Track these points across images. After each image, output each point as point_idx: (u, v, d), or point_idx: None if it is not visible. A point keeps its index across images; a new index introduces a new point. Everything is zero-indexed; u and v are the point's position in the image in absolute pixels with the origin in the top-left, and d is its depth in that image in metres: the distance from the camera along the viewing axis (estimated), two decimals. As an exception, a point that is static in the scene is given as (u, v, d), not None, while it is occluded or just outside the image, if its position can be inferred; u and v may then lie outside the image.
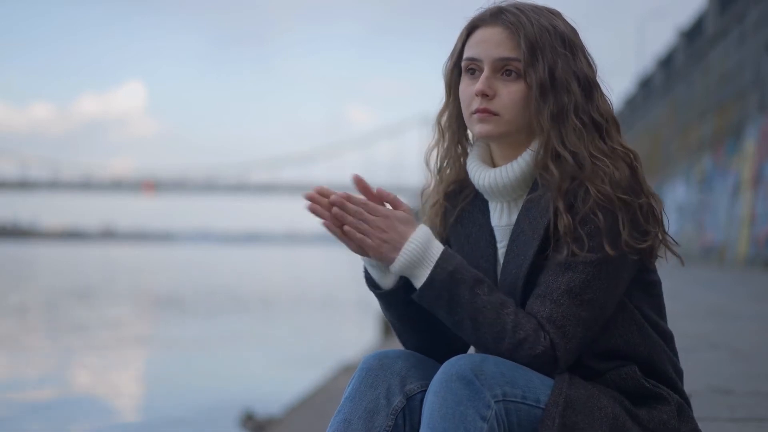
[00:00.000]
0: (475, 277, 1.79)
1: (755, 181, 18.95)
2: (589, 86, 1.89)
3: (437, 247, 1.80)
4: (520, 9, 1.89)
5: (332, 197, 1.79)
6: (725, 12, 23.11)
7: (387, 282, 1.88)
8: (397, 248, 1.78)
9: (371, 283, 1.90)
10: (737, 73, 21.06)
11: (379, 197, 1.82)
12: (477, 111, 1.88)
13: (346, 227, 1.78)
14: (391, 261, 1.79)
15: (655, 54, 33.21)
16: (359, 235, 1.78)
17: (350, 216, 1.78)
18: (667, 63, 30.77)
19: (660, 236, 1.87)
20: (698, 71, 25.28)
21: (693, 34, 27.11)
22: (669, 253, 1.94)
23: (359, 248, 1.81)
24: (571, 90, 1.86)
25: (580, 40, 1.92)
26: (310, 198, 1.79)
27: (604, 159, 1.83)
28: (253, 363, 12.67)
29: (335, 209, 1.78)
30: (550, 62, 1.85)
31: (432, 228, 2.01)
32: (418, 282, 1.79)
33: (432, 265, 1.78)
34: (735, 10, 21.81)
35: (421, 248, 1.79)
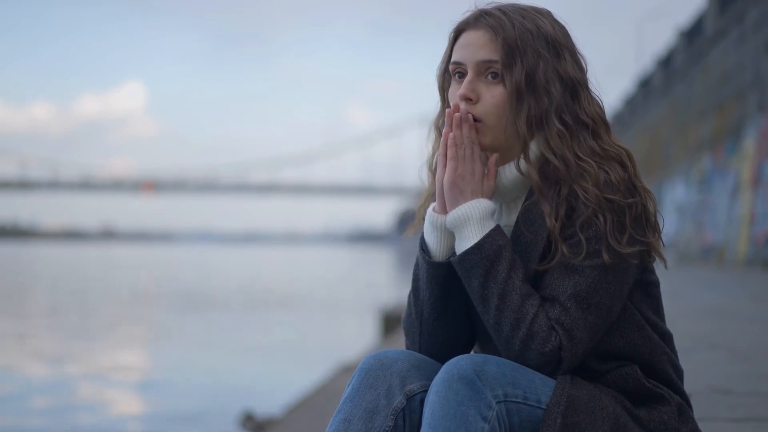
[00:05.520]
0: (516, 261, 1.83)
1: (755, 181, 18.95)
2: (575, 87, 1.88)
3: (492, 222, 1.86)
4: (504, 11, 1.89)
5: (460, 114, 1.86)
6: (725, 12, 23.11)
7: (439, 253, 1.91)
8: (466, 197, 1.85)
9: (425, 249, 1.93)
10: (737, 73, 21.06)
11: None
12: None
13: (452, 133, 1.86)
14: (454, 204, 1.85)
15: (654, 54, 33.22)
16: (455, 151, 1.85)
17: (460, 133, 1.86)
18: (666, 63, 30.76)
19: (654, 237, 1.87)
20: (698, 71, 25.28)
21: (693, 34, 27.10)
22: (669, 257, 1.95)
23: (447, 162, 1.87)
24: (551, 92, 1.85)
25: (569, 40, 1.91)
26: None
27: (590, 160, 1.84)
28: (253, 363, 12.68)
29: (457, 115, 1.86)
30: (530, 64, 1.85)
31: None
32: (467, 243, 1.84)
33: (485, 231, 1.83)
34: (735, 10, 21.81)
35: (483, 212, 1.84)
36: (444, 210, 1.89)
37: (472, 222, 1.84)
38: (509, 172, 1.90)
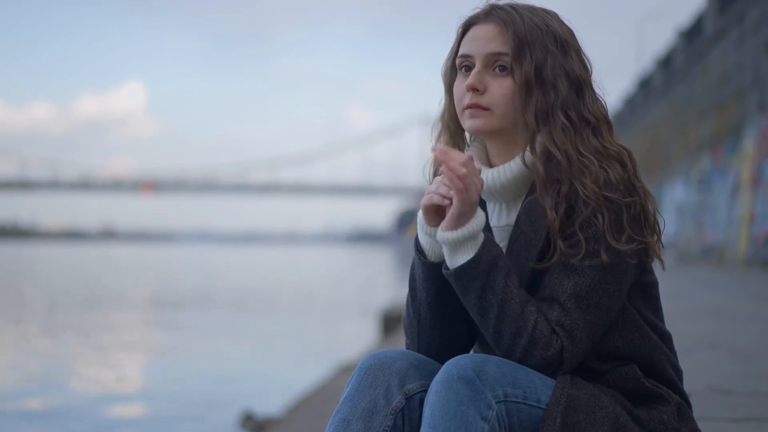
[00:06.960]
0: (509, 268, 1.82)
1: (754, 181, 18.96)
2: (580, 85, 1.90)
3: (483, 233, 1.84)
4: (514, 7, 1.92)
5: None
6: (725, 12, 23.11)
7: (434, 254, 1.89)
8: (470, 218, 1.80)
9: (420, 250, 1.91)
10: (737, 73, 21.06)
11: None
12: (468, 106, 1.89)
13: (446, 169, 1.78)
14: (458, 226, 1.79)
15: (654, 54, 33.22)
16: (456, 184, 1.78)
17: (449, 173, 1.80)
18: (666, 63, 30.76)
19: (652, 237, 1.86)
20: (698, 71, 25.28)
21: (692, 34, 27.10)
22: (669, 257, 1.94)
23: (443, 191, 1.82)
24: (558, 87, 1.86)
25: (575, 41, 1.93)
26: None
27: (591, 157, 1.84)
28: (253, 363, 12.67)
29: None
30: (539, 58, 1.86)
31: None
32: (463, 257, 1.81)
33: (479, 246, 1.80)
34: (734, 10, 21.81)
35: (478, 228, 1.81)
36: (437, 224, 1.87)
37: (469, 239, 1.81)
38: (512, 168, 1.90)
